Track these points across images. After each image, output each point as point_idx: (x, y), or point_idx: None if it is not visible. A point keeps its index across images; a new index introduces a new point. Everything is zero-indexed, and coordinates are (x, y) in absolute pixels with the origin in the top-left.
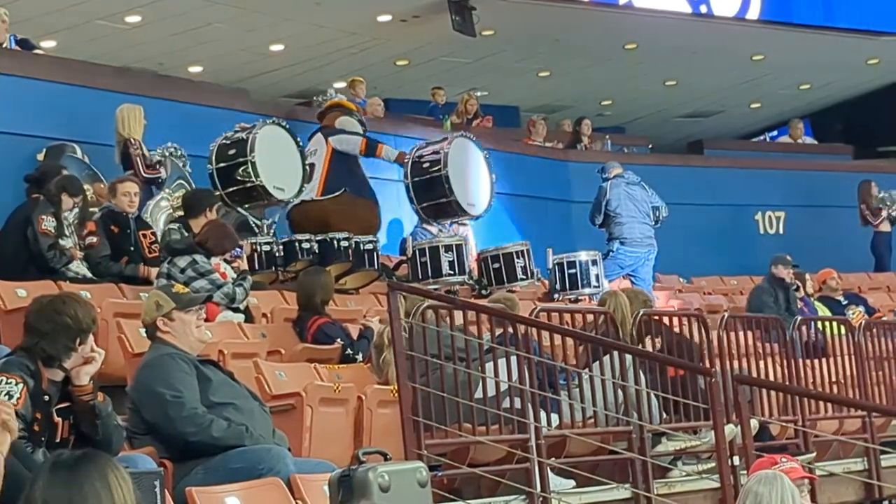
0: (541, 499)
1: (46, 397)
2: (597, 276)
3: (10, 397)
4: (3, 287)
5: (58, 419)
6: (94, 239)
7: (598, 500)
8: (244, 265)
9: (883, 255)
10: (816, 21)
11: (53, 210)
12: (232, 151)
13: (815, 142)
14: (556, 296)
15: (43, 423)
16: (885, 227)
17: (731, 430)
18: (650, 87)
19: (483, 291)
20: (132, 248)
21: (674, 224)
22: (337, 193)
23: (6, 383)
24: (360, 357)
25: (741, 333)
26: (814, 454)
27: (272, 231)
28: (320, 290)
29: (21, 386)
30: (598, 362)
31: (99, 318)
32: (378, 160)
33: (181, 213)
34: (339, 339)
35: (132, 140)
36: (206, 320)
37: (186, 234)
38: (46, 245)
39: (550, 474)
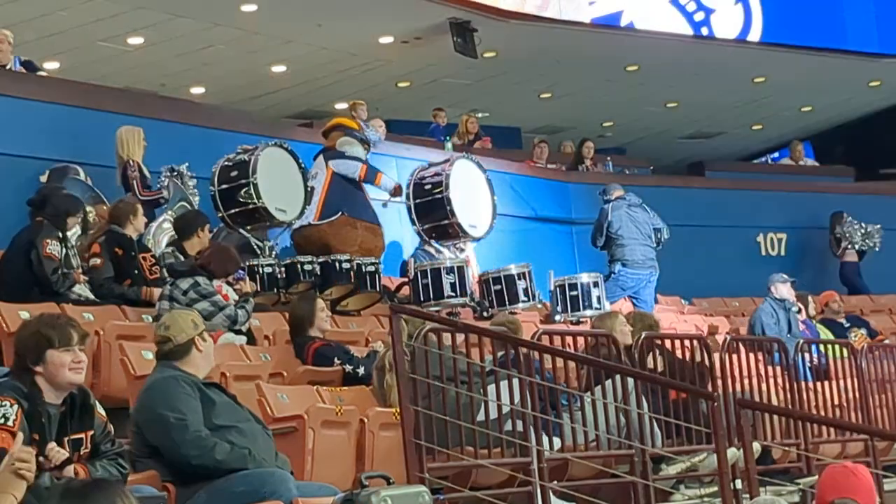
0: None
1: (45, 419)
2: (598, 298)
3: (6, 420)
4: (6, 309)
5: (69, 450)
6: (98, 261)
7: None
8: (246, 287)
9: (854, 283)
10: (818, 43)
11: (58, 233)
12: (234, 173)
13: (817, 163)
14: (557, 318)
15: (41, 445)
16: (852, 257)
17: (733, 453)
18: (651, 109)
19: (485, 313)
20: (136, 272)
21: (675, 246)
22: (334, 217)
23: (0, 405)
24: (361, 371)
25: (743, 355)
26: (816, 477)
27: (274, 253)
28: (309, 316)
29: (16, 408)
30: (600, 386)
31: (102, 341)
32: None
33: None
34: (336, 359)
35: (131, 162)
36: None
37: (182, 256)
38: (51, 269)
39: (552, 497)
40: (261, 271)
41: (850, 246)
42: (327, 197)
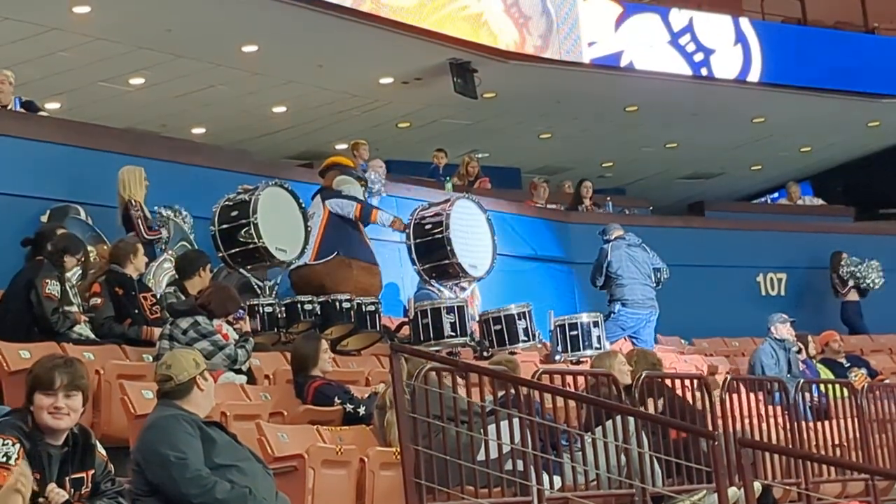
0: None
1: (46, 459)
2: (598, 338)
3: (8, 458)
4: (7, 348)
5: (70, 489)
6: (98, 300)
7: None
8: (247, 327)
9: (854, 323)
10: (817, 84)
11: (57, 273)
12: (234, 213)
13: (820, 201)
14: (557, 357)
15: (42, 484)
16: (853, 296)
17: (734, 493)
18: (651, 149)
19: (485, 353)
20: (136, 311)
21: (675, 286)
22: (329, 258)
23: (3, 444)
24: (361, 410)
25: (744, 395)
26: None
27: (274, 292)
28: (304, 357)
29: (18, 447)
30: (600, 426)
31: (102, 380)
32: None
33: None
34: (336, 398)
35: (133, 202)
36: None
37: (183, 296)
38: (50, 309)
39: None
40: (261, 311)
41: (861, 283)
42: (324, 237)
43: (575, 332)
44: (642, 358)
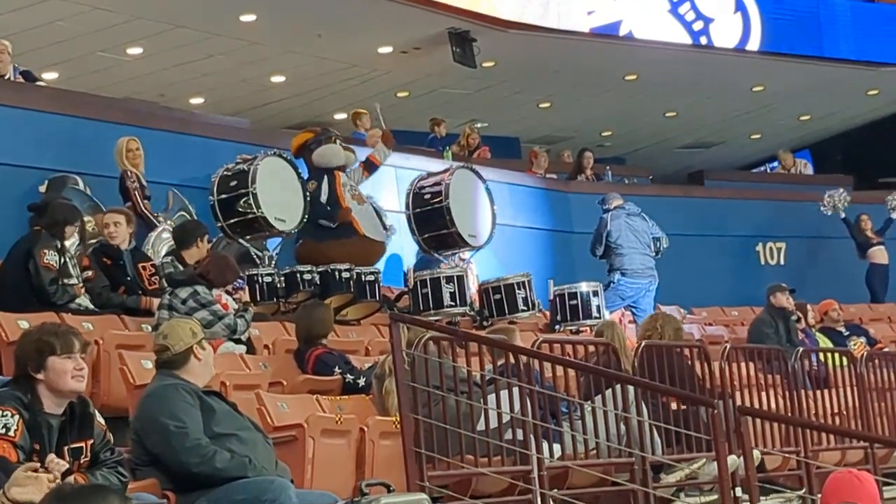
0: None
1: (45, 429)
2: (598, 308)
3: (7, 430)
4: (5, 318)
5: (69, 459)
6: (90, 273)
7: None
8: (246, 296)
9: (877, 290)
10: (816, 52)
11: (56, 243)
12: (233, 183)
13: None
14: (557, 327)
15: (42, 455)
16: (881, 258)
17: (733, 461)
18: (650, 118)
19: (484, 323)
20: (128, 279)
21: (674, 255)
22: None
23: (2, 415)
24: (361, 382)
25: (743, 364)
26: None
27: (274, 262)
28: (319, 325)
29: (17, 418)
30: (600, 396)
31: (101, 350)
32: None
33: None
34: (337, 368)
35: (128, 173)
36: None
37: (180, 266)
38: (48, 279)
39: None
40: (260, 280)
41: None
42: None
43: (574, 302)
44: (668, 322)
